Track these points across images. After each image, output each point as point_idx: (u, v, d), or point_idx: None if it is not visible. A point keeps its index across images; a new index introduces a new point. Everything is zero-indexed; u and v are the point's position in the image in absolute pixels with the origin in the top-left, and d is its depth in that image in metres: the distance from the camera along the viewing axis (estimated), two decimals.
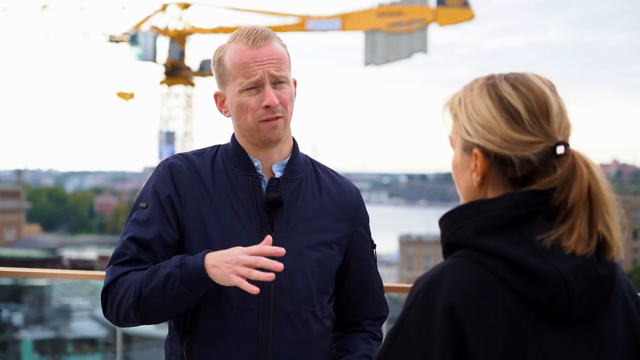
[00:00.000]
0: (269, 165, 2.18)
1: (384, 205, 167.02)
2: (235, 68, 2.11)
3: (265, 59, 2.10)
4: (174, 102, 56.59)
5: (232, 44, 2.14)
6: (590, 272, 1.36)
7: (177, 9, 54.96)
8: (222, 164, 2.17)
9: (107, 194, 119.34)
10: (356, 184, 2.33)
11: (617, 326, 1.42)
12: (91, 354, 20.89)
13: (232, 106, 2.15)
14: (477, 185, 1.45)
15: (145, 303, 2.03)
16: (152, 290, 2.01)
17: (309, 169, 2.23)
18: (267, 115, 2.11)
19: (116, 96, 55.29)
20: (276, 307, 2.09)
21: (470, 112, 1.44)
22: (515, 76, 1.44)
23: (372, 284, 2.29)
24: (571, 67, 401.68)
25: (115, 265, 2.11)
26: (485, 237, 1.37)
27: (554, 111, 1.41)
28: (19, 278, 14.60)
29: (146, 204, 2.13)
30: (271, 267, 1.92)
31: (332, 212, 2.20)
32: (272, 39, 2.13)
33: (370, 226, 2.33)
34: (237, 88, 2.12)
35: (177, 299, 2.00)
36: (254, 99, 2.11)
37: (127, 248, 2.10)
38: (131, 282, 2.05)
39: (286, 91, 2.13)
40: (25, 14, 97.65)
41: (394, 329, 1.37)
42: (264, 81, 2.10)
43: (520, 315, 1.34)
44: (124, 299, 2.05)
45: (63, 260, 49.61)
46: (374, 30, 53.00)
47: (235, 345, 2.09)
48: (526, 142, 1.39)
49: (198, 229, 2.11)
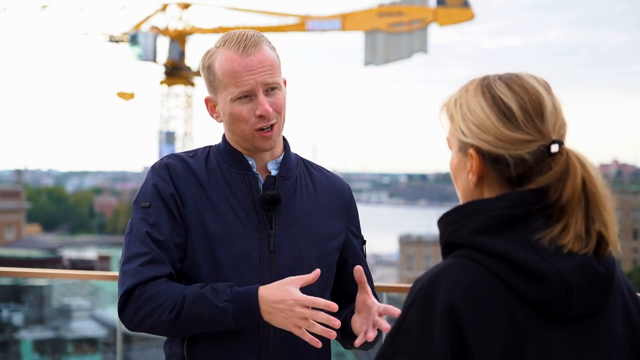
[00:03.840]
0: (263, 164, 2.19)
1: (384, 205, 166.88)
2: (226, 77, 2.10)
3: (256, 67, 2.08)
4: (174, 102, 56.60)
5: (222, 51, 2.12)
6: (589, 270, 1.37)
7: (177, 9, 54.98)
8: (217, 164, 2.17)
9: (107, 194, 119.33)
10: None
11: (616, 325, 1.43)
12: (91, 354, 20.89)
13: (225, 114, 2.14)
14: (473, 185, 1.46)
15: (184, 324, 2.02)
16: (197, 316, 2.00)
17: (301, 166, 2.26)
18: (262, 124, 2.11)
19: (116, 96, 55.31)
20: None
21: (465, 112, 1.45)
22: (509, 76, 1.45)
23: (369, 277, 2.30)
24: (571, 67, 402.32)
25: (140, 267, 2.05)
26: (484, 237, 1.37)
27: (548, 110, 1.42)
28: (19, 278, 14.59)
29: (149, 204, 2.11)
30: (330, 323, 1.96)
31: (327, 208, 2.22)
32: (262, 44, 2.11)
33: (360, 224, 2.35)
34: (228, 97, 2.11)
35: (220, 328, 2.03)
36: (246, 107, 2.10)
37: (147, 246, 2.06)
38: (166, 297, 2.02)
39: (279, 96, 2.13)
40: (25, 14, 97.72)
41: (394, 329, 1.38)
42: (257, 90, 2.09)
43: (519, 314, 1.34)
44: (155, 313, 2.02)
45: (63, 260, 49.58)
46: (374, 30, 53.01)
47: (236, 344, 2.09)
48: (520, 140, 1.40)
49: (199, 228, 2.11)
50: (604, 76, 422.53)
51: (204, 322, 2.01)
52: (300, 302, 1.96)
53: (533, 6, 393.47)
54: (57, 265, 44.39)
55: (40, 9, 55.78)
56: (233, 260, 2.09)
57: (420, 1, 52.99)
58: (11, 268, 6.12)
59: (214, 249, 2.09)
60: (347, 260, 2.26)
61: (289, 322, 1.97)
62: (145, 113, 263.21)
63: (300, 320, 1.96)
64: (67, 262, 48.67)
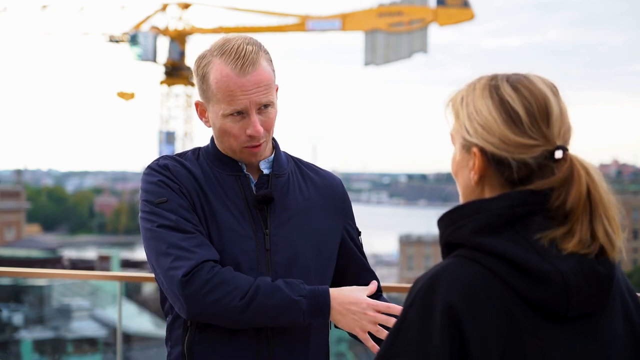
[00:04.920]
0: (254, 165, 2.19)
1: (384, 205, 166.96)
2: (220, 92, 2.07)
3: (252, 87, 2.06)
4: (174, 102, 56.61)
5: (218, 63, 2.08)
6: (589, 270, 1.37)
7: (177, 9, 54.99)
8: (207, 166, 2.17)
9: (107, 194, 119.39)
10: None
11: (616, 325, 1.43)
12: (91, 354, 20.90)
13: (215, 126, 2.14)
14: (474, 183, 1.46)
15: (254, 313, 2.01)
16: (272, 307, 2.01)
17: (292, 164, 2.26)
18: (252, 143, 2.11)
19: (116, 96, 55.33)
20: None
21: (471, 111, 1.45)
22: (517, 78, 1.45)
23: (369, 270, 2.32)
24: (571, 67, 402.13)
25: (194, 247, 2.01)
26: (484, 236, 1.37)
27: (554, 115, 1.42)
28: (19, 278, 14.59)
29: (166, 198, 2.08)
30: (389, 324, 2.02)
31: (321, 204, 2.23)
32: (259, 61, 2.08)
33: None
34: (220, 112, 2.09)
35: (286, 322, 2.05)
36: (237, 125, 2.09)
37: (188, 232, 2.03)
38: (238, 284, 2.01)
39: (271, 115, 2.12)
40: (25, 14, 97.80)
41: (394, 329, 1.38)
42: (250, 110, 2.08)
43: (519, 314, 1.34)
44: (227, 297, 2.00)
45: (63, 260, 49.61)
46: (374, 30, 53.02)
47: (236, 342, 2.10)
48: (524, 145, 1.40)
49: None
50: (604, 76, 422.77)
51: (275, 313, 2.02)
52: (373, 307, 2.04)
53: (533, 6, 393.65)
54: (57, 265, 44.40)
55: (40, 9, 55.81)
56: (231, 260, 2.09)
57: (420, 1, 53.00)
58: (11, 268, 6.11)
59: (214, 243, 2.09)
60: (348, 254, 2.27)
61: (357, 325, 2.04)
62: (145, 113, 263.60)
63: (370, 325, 2.04)
64: (67, 262, 48.70)
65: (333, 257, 2.24)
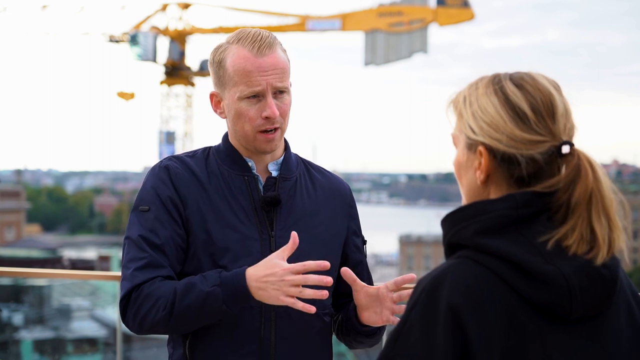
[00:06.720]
0: (263, 166, 2.18)
1: (384, 205, 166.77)
2: (238, 74, 2.09)
3: (269, 69, 2.08)
4: (174, 102, 56.61)
5: (235, 47, 2.11)
6: (593, 272, 1.36)
7: (177, 9, 54.99)
8: (216, 165, 2.17)
9: (107, 194, 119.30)
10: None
11: (620, 326, 1.42)
12: (91, 354, 20.91)
13: (230, 111, 2.14)
14: (480, 183, 1.45)
15: (179, 318, 2.01)
16: (189, 306, 1.99)
17: (301, 167, 2.25)
18: (266, 126, 2.10)
19: (116, 96, 55.33)
20: (278, 306, 2.09)
21: (476, 109, 1.44)
22: (520, 75, 1.44)
23: (369, 279, 2.30)
24: (570, 67, 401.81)
25: (135, 271, 2.05)
26: (487, 238, 1.37)
27: (559, 111, 1.42)
28: (19, 278, 14.60)
29: (148, 207, 2.11)
30: (322, 283, 1.94)
31: (328, 209, 2.22)
32: (276, 46, 2.11)
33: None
34: (237, 94, 2.10)
35: (215, 316, 2.01)
36: (253, 108, 2.10)
37: (143, 251, 2.07)
38: (160, 294, 2.02)
39: (286, 101, 2.13)
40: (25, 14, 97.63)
41: (396, 330, 1.37)
42: (266, 92, 2.09)
43: (522, 316, 1.34)
44: (151, 312, 2.02)
45: (63, 260, 49.60)
46: (374, 30, 53.03)
47: (238, 344, 2.09)
48: (532, 141, 1.40)
49: (201, 229, 2.10)
50: (604, 76, 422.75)
51: (197, 311, 2.00)
52: (289, 270, 1.95)
53: (532, 6, 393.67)
54: (57, 265, 44.40)
55: (40, 9, 55.82)
56: (235, 261, 2.08)
57: (420, 1, 53.01)
58: (11, 268, 6.12)
59: (216, 250, 2.09)
60: (349, 260, 2.26)
61: (280, 294, 1.94)
62: (145, 113, 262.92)
63: (292, 289, 1.94)
64: (67, 262, 48.70)
65: (338, 261, 2.23)
